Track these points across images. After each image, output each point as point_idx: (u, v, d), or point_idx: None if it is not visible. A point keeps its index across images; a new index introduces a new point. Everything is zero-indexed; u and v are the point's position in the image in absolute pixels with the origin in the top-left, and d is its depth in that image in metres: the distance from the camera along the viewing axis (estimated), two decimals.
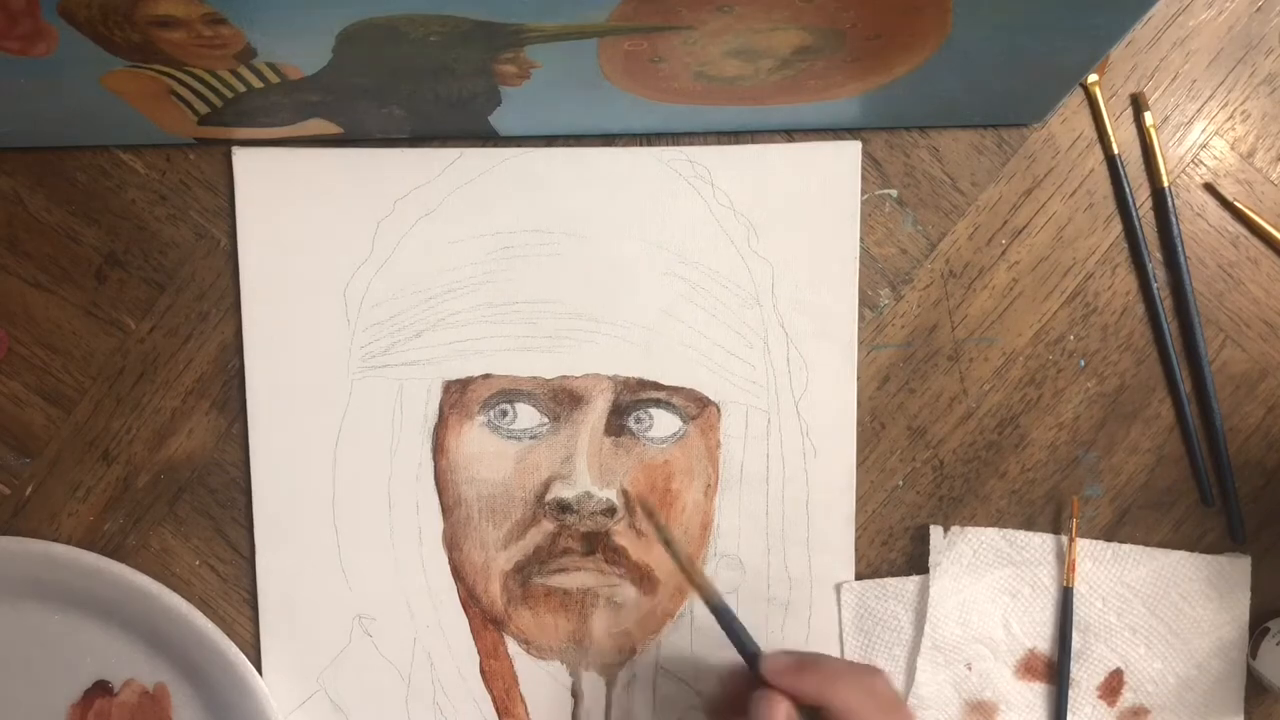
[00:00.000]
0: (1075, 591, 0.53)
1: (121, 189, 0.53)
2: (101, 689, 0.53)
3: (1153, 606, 0.54)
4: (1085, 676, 0.54)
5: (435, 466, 0.53)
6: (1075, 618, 0.54)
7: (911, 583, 0.54)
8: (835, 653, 0.54)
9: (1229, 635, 0.54)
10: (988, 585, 0.54)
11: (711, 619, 0.54)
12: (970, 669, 0.54)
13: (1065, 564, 0.53)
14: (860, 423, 0.53)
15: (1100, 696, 0.54)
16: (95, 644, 0.53)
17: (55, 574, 0.52)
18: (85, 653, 0.53)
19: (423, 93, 0.46)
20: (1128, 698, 0.54)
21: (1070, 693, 0.54)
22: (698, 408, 0.53)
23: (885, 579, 0.54)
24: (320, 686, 0.54)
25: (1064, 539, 0.54)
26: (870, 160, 0.53)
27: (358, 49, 0.41)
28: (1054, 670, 0.54)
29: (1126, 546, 0.54)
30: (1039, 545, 0.54)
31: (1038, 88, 0.49)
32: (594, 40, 0.41)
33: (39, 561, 0.52)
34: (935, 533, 0.53)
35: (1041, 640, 0.54)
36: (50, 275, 0.53)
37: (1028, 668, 0.54)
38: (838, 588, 0.54)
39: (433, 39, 0.40)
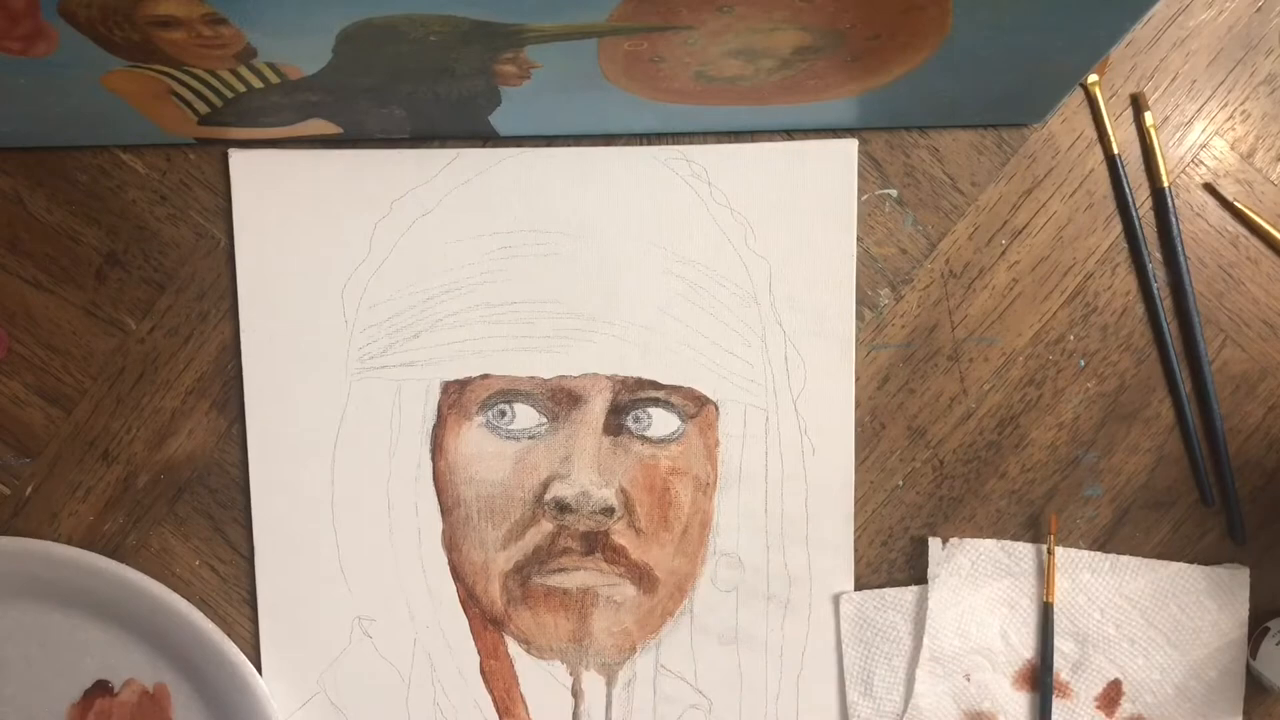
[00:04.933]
0: (1074, 603, 0.53)
1: (121, 189, 0.53)
2: (102, 689, 0.53)
3: (1151, 617, 0.54)
4: (1084, 687, 0.54)
5: (434, 467, 0.53)
6: (1074, 629, 0.53)
7: (910, 593, 0.53)
8: (833, 662, 0.54)
9: (1227, 646, 0.54)
10: (986, 596, 0.54)
11: (711, 618, 0.54)
12: (969, 680, 0.54)
13: (1045, 579, 0.53)
14: (860, 423, 0.53)
15: (1099, 707, 0.54)
16: (95, 644, 0.53)
17: (56, 573, 0.52)
18: (85, 652, 0.53)
19: (423, 93, 0.46)
20: (1126, 708, 0.54)
21: (1069, 703, 0.54)
22: (696, 406, 0.53)
23: (884, 589, 0.54)
24: (320, 688, 0.54)
25: (1063, 550, 0.54)
26: (870, 160, 0.53)
27: (358, 49, 0.41)
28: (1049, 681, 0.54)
29: (1125, 558, 0.54)
30: (1036, 557, 0.54)
31: (1038, 88, 0.49)
32: (594, 40, 0.42)
33: (39, 561, 0.52)
34: (934, 544, 0.53)
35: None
36: (50, 275, 0.53)
37: (1026, 678, 0.54)
38: (836, 599, 0.54)
39: (433, 39, 0.40)
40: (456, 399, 0.53)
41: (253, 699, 0.52)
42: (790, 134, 0.53)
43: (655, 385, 0.53)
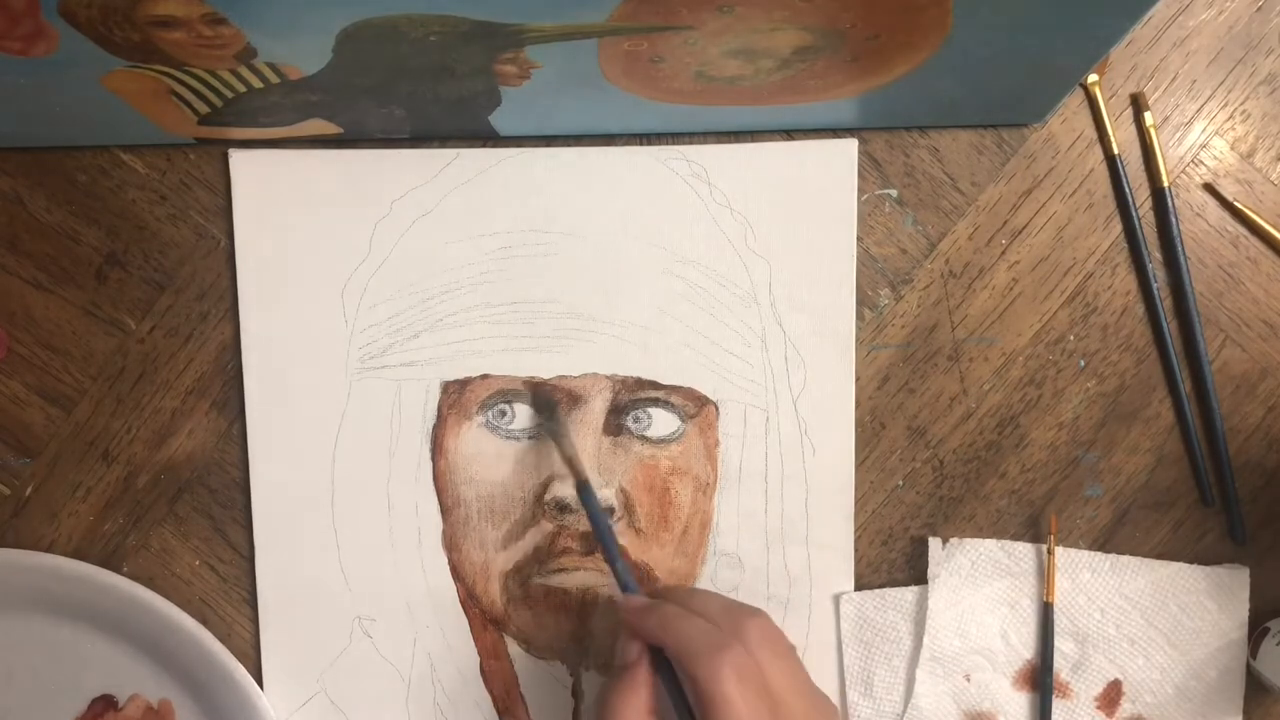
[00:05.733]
0: (1074, 603, 0.53)
1: (121, 189, 0.53)
2: (106, 703, 0.53)
3: (1151, 617, 0.54)
4: (1084, 687, 0.54)
5: (434, 467, 0.53)
6: (1074, 629, 0.53)
7: (910, 593, 0.53)
8: (833, 662, 0.54)
9: (1227, 646, 0.54)
10: (986, 596, 0.54)
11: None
12: (969, 680, 0.54)
13: (1045, 578, 0.53)
14: (860, 423, 0.53)
15: (1099, 707, 0.54)
16: (101, 658, 0.53)
17: (65, 588, 0.52)
18: (91, 666, 0.53)
19: (423, 93, 0.46)
20: (1126, 708, 0.54)
21: (1069, 703, 0.54)
22: (696, 406, 0.53)
23: (884, 589, 0.54)
24: (320, 687, 0.54)
25: (1062, 550, 0.54)
26: (870, 160, 0.53)
27: (358, 49, 0.41)
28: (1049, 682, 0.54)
29: (1125, 558, 0.54)
30: (1036, 556, 0.54)
31: (1038, 88, 0.49)
32: (594, 40, 0.42)
33: (49, 575, 0.52)
34: (934, 544, 0.53)
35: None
36: (50, 275, 0.53)
37: (1026, 678, 0.54)
38: (836, 599, 0.54)
39: (433, 39, 0.40)
40: (456, 399, 0.53)
41: (257, 718, 0.52)
42: (790, 134, 0.53)
43: (655, 385, 0.53)
